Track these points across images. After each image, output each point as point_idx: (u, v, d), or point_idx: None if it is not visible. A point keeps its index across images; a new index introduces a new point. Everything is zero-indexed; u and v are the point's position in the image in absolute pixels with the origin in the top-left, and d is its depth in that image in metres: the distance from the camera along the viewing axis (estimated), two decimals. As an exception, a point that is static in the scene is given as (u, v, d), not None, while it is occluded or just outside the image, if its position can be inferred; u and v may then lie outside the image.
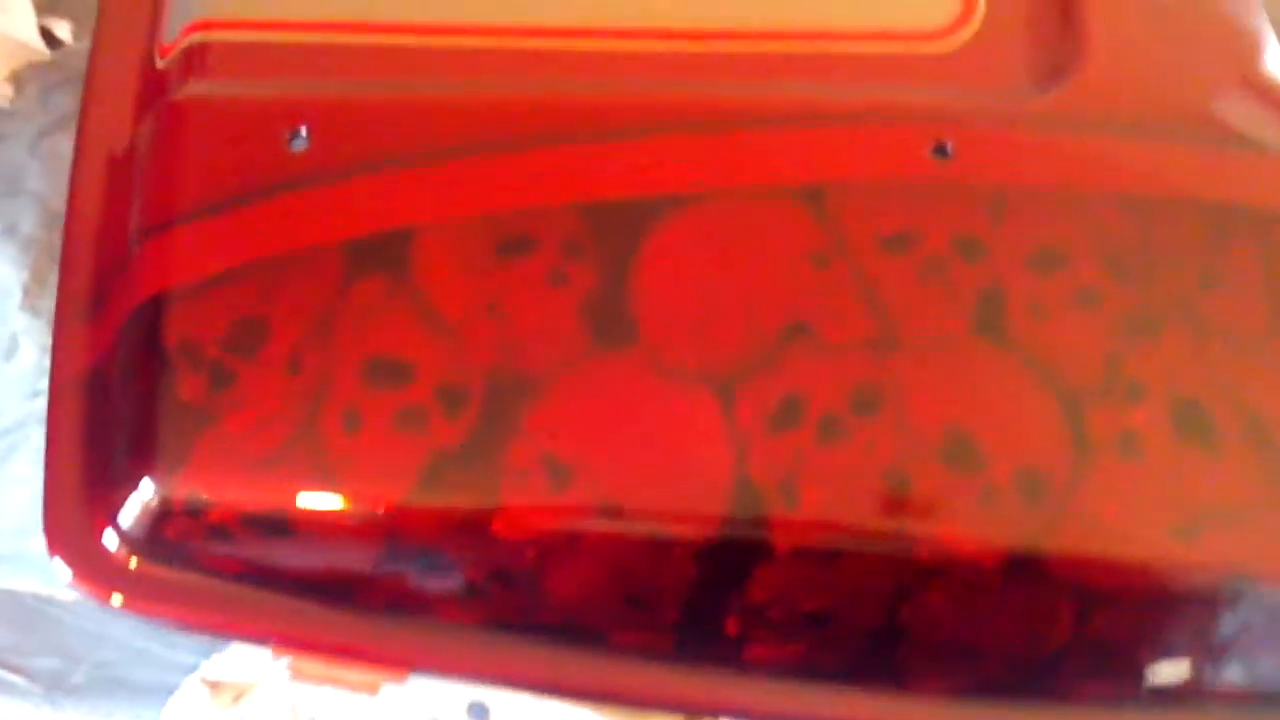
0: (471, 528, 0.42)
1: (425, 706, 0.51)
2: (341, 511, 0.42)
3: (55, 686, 0.59)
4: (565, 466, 0.42)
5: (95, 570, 0.44)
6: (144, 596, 0.44)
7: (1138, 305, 0.44)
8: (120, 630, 0.57)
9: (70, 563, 0.44)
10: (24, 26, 0.63)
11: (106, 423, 0.45)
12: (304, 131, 0.46)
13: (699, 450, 0.42)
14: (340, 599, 0.44)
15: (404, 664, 0.45)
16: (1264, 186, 0.47)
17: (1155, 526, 0.42)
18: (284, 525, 0.43)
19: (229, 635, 0.45)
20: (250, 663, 0.50)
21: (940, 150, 0.46)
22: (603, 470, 0.42)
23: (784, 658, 0.44)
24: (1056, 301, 0.44)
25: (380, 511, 0.42)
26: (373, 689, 0.47)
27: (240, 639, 0.45)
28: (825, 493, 0.42)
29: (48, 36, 0.65)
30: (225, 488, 0.43)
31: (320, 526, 0.43)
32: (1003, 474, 0.42)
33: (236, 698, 0.56)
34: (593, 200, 0.44)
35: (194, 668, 0.52)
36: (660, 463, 0.42)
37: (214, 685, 0.56)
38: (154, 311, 0.44)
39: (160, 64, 0.50)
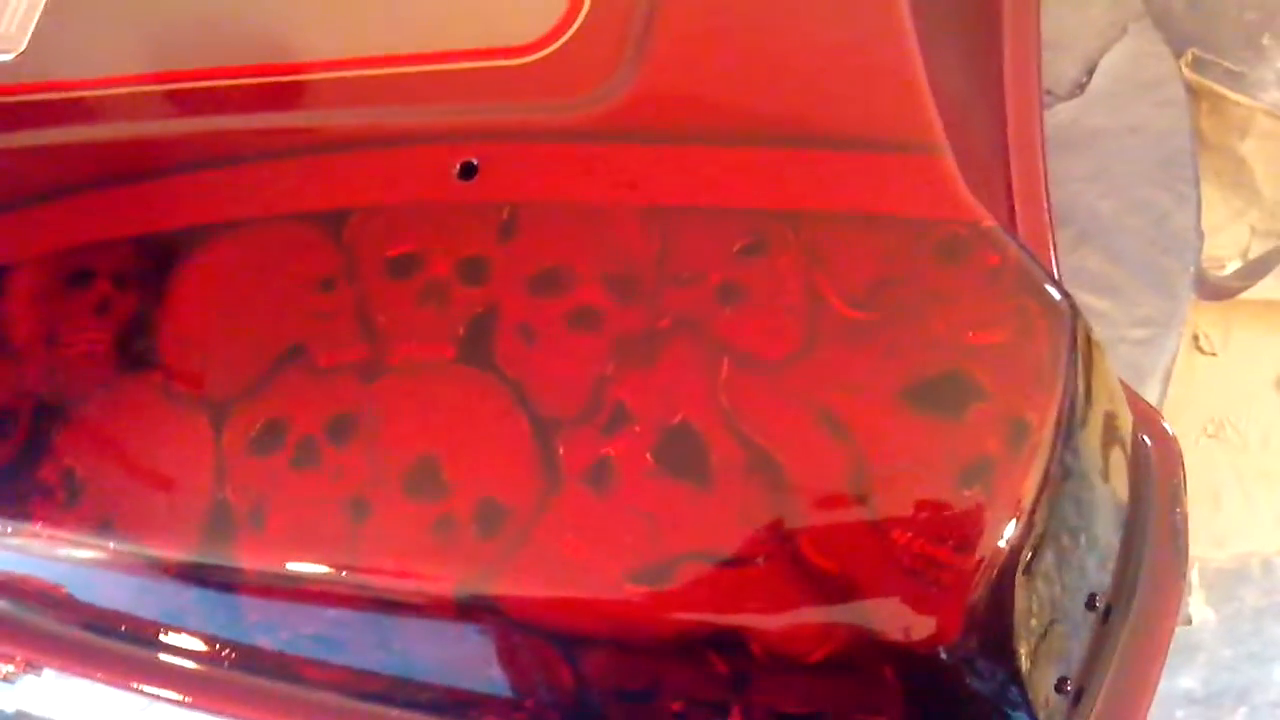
0: (17, 540, 0.46)
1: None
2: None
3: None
4: (79, 483, 0.45)
5: None
6: None
7: (639, 326, 0.41)
8: None
9: None
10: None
11: None
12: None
13: (186, 472, 0.44)
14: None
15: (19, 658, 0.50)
16: (827, 185, 0.42)
17: (611, 568, 0.39)
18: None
19: None
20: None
21: (467, 170, 0.45)
22: (105, 488, 0.45)
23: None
24: (549, 324, 0.42)
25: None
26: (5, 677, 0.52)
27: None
28: (290, 519, 0.42)
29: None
30: None
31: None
32: (464, 504, 0.41)
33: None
34: (142, 233, 0.47)
35: None
36: (151, 484, 0.44)
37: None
38: None
39: None
